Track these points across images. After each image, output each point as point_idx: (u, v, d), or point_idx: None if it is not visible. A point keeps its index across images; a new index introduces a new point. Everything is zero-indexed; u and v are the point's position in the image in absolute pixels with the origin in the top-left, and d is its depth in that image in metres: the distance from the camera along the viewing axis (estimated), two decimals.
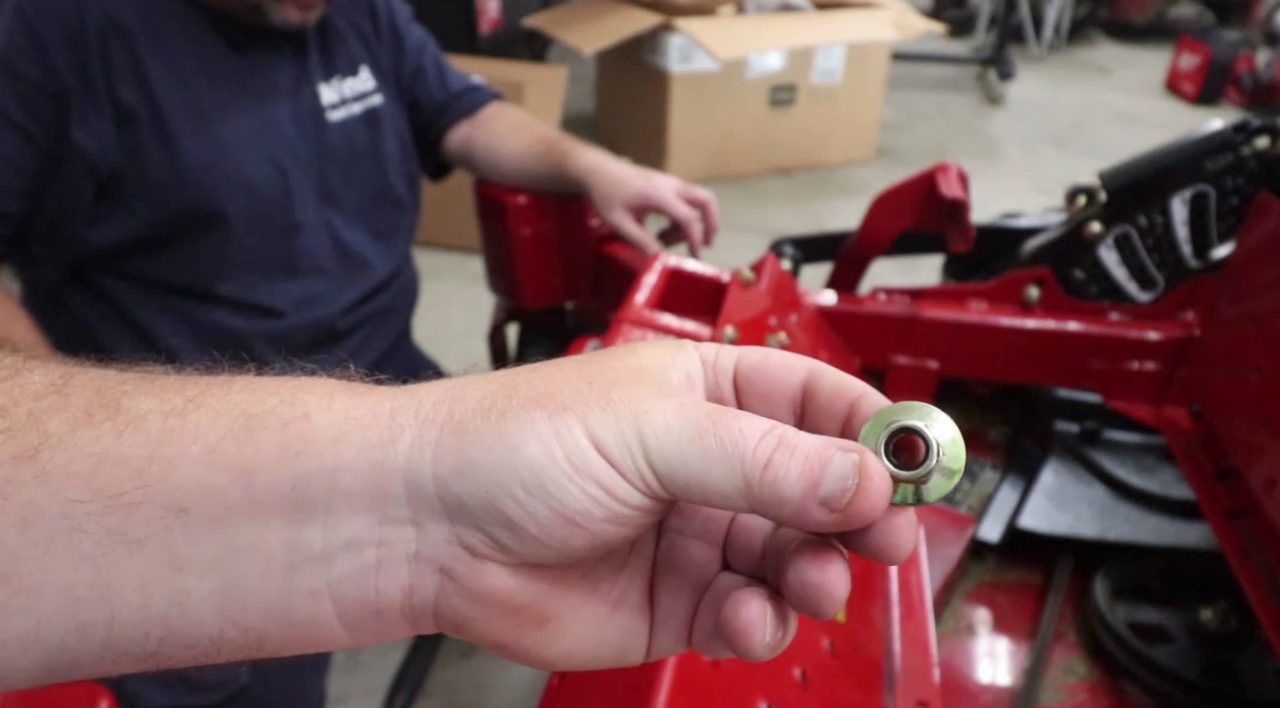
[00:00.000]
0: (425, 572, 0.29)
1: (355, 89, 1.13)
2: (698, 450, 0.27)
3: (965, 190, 1.02)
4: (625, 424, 0.28)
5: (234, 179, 1.02)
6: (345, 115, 1.12)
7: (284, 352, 1.09)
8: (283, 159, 1.05)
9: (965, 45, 4.99)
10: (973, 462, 1.12)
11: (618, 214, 1.11)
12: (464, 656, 1.33)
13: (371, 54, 1.18)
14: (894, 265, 1.25)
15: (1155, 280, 1.06)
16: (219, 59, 1.02)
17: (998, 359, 1.08)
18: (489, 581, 0.29)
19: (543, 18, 3.18)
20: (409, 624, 0.30)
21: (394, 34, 1.21)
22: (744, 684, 0.54)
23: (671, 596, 0.33)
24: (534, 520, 0.27)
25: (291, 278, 1.10)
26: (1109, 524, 0.98)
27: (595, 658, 0.32)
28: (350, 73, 1.13)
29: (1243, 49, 4.15)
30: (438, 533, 0.28)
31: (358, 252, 1.15)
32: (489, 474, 0.27)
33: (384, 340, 1.23)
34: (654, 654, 0.33)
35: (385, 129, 1.16)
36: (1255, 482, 0.83)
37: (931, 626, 0.75)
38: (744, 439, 0.27)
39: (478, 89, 1.30)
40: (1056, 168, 3.32)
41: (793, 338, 0.90)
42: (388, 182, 1.17)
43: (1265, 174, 0.99)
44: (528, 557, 0.28)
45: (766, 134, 3.21)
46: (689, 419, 0.28)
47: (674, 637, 0.33)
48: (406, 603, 0.29)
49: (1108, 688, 0.87)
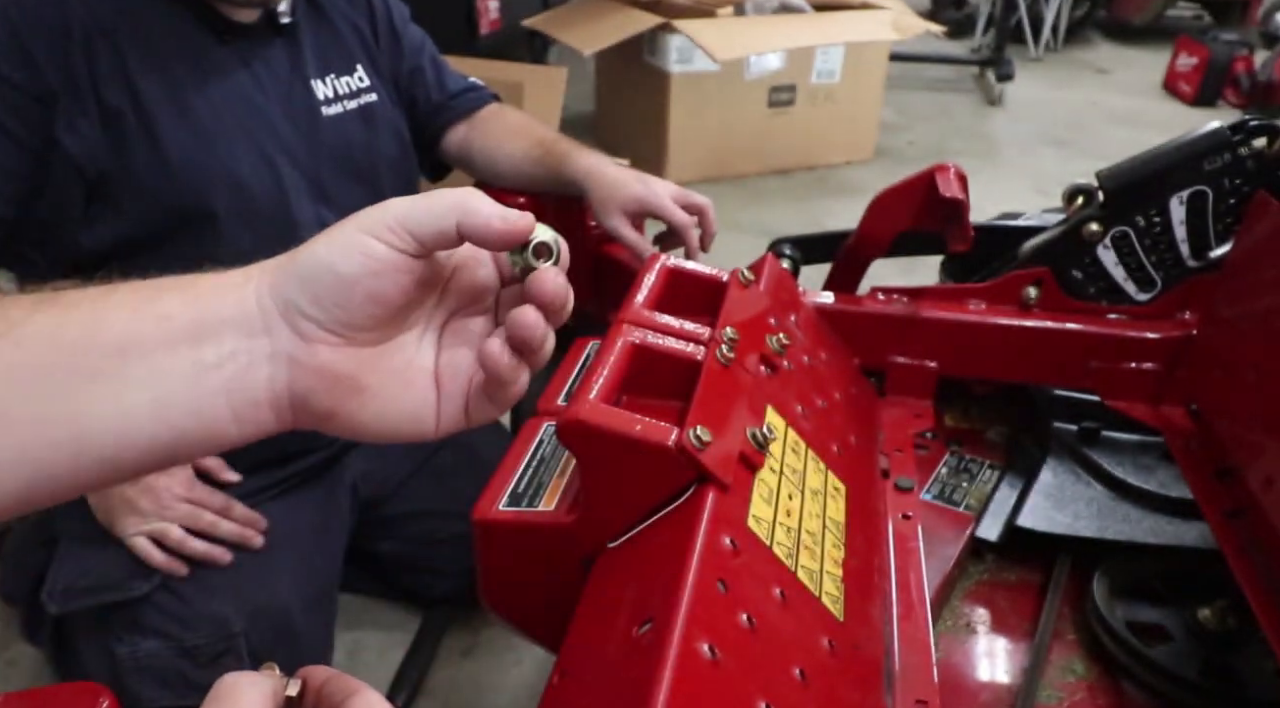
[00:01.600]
0: (279, 364, 0.43)
1: (351, 86, 1.12)
2: (427, 204, 0.43)
3: (964, 190, 1.02)
4: (379, 211, 0.43)
5: (221, 175, 1.00)
6: (340, 111, 1.10)
7: None
8: (274, 154, 1.04)
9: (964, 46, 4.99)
10: (971, 461, 1.12)
11: (615, 219, 1.11)
12: (464, 655, 1.34)
13: (368, 52, 1.17)
14: (893, 265, 1.25)
15: (1153, 280, 1.06)
16: (205, 53, 1.01)
17: (996, 359, 1.08)
18: (320, 357, 0.43)
19: (543, 18, 3.18)
20: (274, 414, 0.44)
21: (392, 34, 1.21)
22: (743, 684, 0.54)
23: (451, 374, 0.47)
24: (331, 291, 0.42)
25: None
26: (1108, 523, 0.98)
27: (397, 426, 0.46)
28: (346, 70, 1.13)
29: (1240, 50, 4.14)
30: (281, 333, 0.43)
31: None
32: (302, 273, 0.43)
33: None
34: (441, 427, 0.48)
35: (381, 128, 1.15)
36: (1254, 481, 0.83)
37: (930, 625, 0.75)
38: (457, 193, 0.44)
39: (476, 90, 1.30)
40: (1055, 168, 3.32)
41: (792, 338, 0.90)
42: (383, 181, 1.16)
43: (1263, 174, 0.99)
44: (339, 326, 0.43)
45: (765, 134, 3.21)
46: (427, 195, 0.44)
47: (455, 408, 0.47)
48: (270, 391, 0.43)
49: (1106, 687, 0.87)
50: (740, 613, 0.58)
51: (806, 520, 0.73)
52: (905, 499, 0.90)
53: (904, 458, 0.97)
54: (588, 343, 0.91)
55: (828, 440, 0.85)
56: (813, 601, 0.66)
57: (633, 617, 0.57)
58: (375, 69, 1.18)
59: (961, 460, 1.12)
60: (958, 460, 1.12)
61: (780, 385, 0.82)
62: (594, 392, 0.68)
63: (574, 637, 0.62)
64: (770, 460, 0.73)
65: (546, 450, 0.78)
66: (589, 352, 0.90)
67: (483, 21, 3.39)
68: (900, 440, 1.00)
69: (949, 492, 1.07)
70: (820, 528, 0.74)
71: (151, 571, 1.03)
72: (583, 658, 0.59)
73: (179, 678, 1.02)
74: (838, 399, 0.94)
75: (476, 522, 0.73)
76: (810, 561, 0.69)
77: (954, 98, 4.19)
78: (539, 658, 1.31)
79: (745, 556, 0.63)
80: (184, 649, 1.02)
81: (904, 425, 1.03)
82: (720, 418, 0.70)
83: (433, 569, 1.33)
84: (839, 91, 3.26)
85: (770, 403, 0.78)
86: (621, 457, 0.65)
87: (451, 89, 1.28)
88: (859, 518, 0.81)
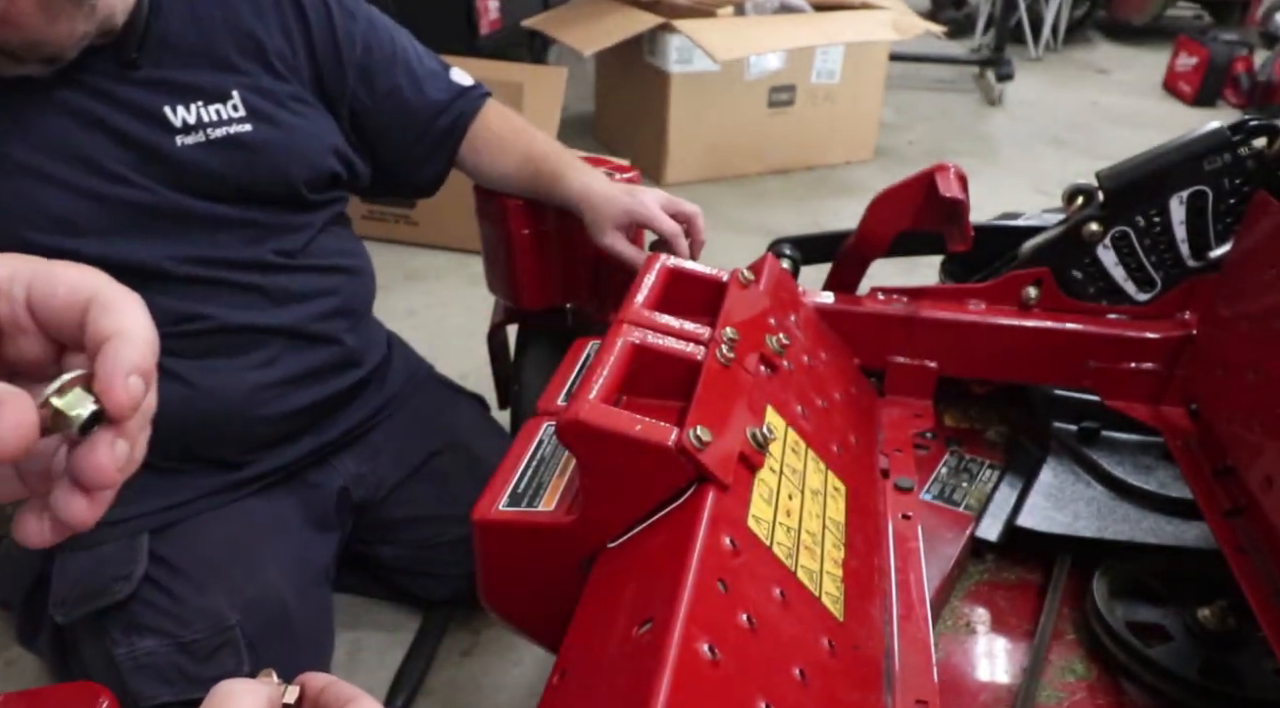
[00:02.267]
0: None
1: (222, 115, 1.05)
2: None
3: (964, 190, 1.02)
4: None
5: (30, 216, 0.95)
6: (200, 140, 1.03)
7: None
8: (101, 190, 0.98)
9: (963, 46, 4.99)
10: (971, 461, 1.12)
11: (609, 236, 1.11)
12: (464, 655, 1.34)
13: (282, 73, 1.10)
14: (893, 265, 1.25)
15: (1153, 280, 1.06)
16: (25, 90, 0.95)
17: (996, 359, 1.08)
18: None
19: (542, 18, 3.18)
20: None
21: (333, 47, 1.14)
22: (743, 683, 0.54)
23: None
24: None
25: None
26: (1107, 523, 0.98)
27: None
28: (218, 98, 1.05)
29: (1240, 50, 4.14)
30: None
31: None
32: None
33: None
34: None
35: (261, 157, 1.07)
36: (1253, 481, 0.83)
37: (930, 625, 0.75)
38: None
39: (463, 95, 1.24)
40: (1055, 168, 3.32)
41: (792, 338, 0.90)
42: (259, 212, 1.09)
43: (1262, 174, 0.99)
44: None
45: (765, 134, 3.21)
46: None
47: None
48: None
49: (1106, 687, 0.87)
50: (740, 613, 0.58)
51: (806, 520, 0.73)
52: (905, 499, 0.90)
53: (904, 458, 0.97)
54: (588, 343, 0.91)
55: (828, 440, 0.85)
56: (813, 601, 0.66)
57: (633, 617, 0.57)
58: (285, 88, 1.10)
59: (961, 460, 1.12)
60: (958, 460, 1.12)
61: (780, 385, 0.82)
62: (594, 392, 0.68)
63: (574, 637, 0.62)
64: (770, 460, 0.73)
65: (546, 450, 0.78)
66: (589, 352, 0.90)
67: (483, 21, 3.39)
68: (900, 440, 1.00)
69: (949, 492, 1.07)
70: (820, 528, 0.74)
71: (130, 570, 1.03)
72: (583, 658, 0.59)
73: (179, 674, 1.02)
74: (838, 399, 0.94)
75: (476, 522, 0.73)
76: (810, 561, 0.69)
77: (954, 98, 4.19)
78: (539, 658, 1.31)
79: (745, 555, 0.63)
80: (181, 645, 1.02)
81: (904, 425, 1.03)
82: (720, 418, 0.70)
83: (433, 573, 1.33)
84: (839, 91, 3.25)
85: (770, 403, 0.78)
86: (621, 457, 0.65)
87: (433, 101, 1.21)
88: (859, 518, 0.81)
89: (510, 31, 3.51)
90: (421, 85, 1.21)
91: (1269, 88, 4.01)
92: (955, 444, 1.15)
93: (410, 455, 1.29)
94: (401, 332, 1.42)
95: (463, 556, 1.09)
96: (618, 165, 1.25)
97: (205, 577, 1.05)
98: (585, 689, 0.56)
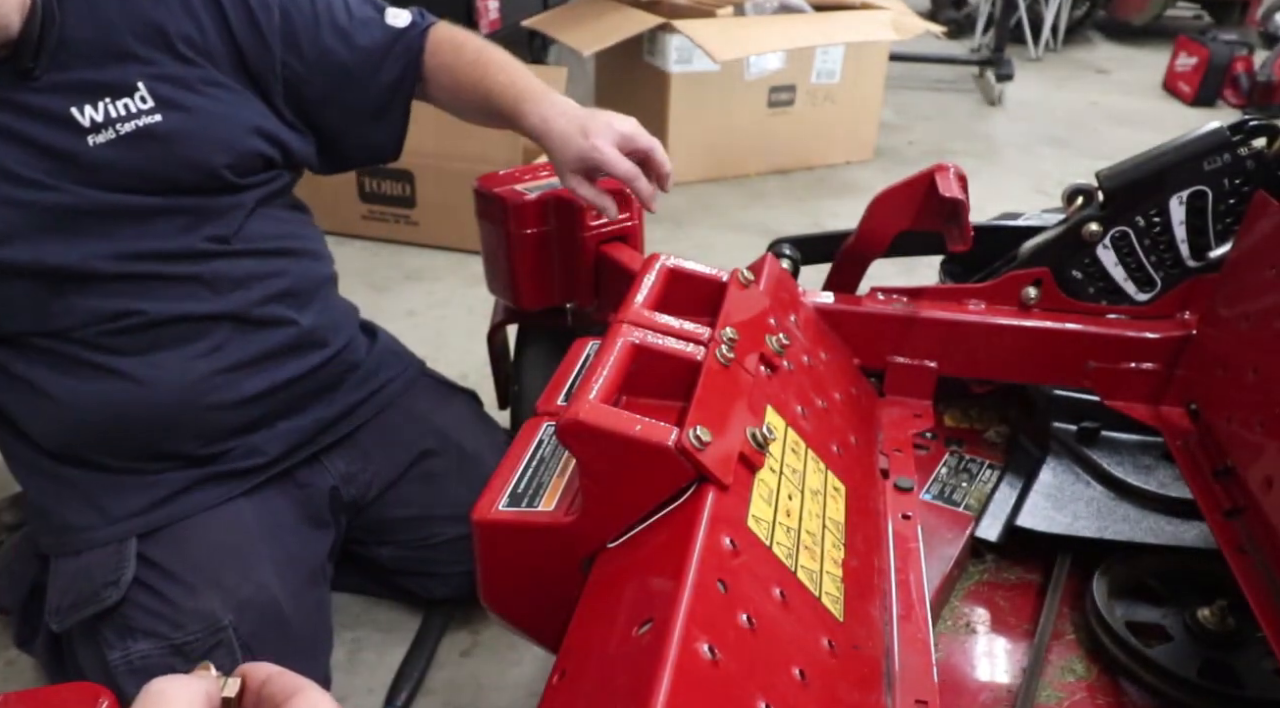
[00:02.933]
0: None
1: (130, 108, 1.02)
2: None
3: (964, 190, 1.02)
4: None
5: None
6: (111, 137, 1.00)
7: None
8: (19, 197, 0.96)
9: (963, 46, 4.99)
10: (971, 461, 1.12)
11: (570, 180, 1.10)
12: (464, 655, 1.33)
13: (177, 63, 1.06)
14: (893, 265, 1.25)
15: (1153, 280, 1.06)
16: None
17: (996, 359, 1.08)
18: None
19: (542, 18, 3.18)
20: None
21: (252, 28, 1.09)
22: (743, 684, 0.54)
23: None
24: None
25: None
26: (1107, 523, 0.99)
27: None
28: (124, 92, 1.02)
29: (1240, 50, 4.14)
30: None
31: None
32: None
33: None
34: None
35: (176, 147, 1.04)
36: (1253, 481, 0.83)
37: (930, 625, 0.75)
38: None
39: (401, 38, 1.17)
40: (1055, 168, 3.32)
41: (792, 338, 0.90)
42: (186, 201, 1.06)
43: (1262, 174, 0.99)
44: None
45: (765, 134, 3.21)
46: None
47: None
48: None
49: (1106, 687, 0.87)
50: (740, 613, 0.58)
51: (806, 521, 0.73)
52: (905, 499, 0.90)
53: (904, 458, 0.97)
54: (588, 343, 0.91)
55: (827, 440, 0.85)
56: (813, 601, 0.66)
57: (633, 617, 0.57)
58: (194, 73, 1.06)
59: (961, 460, 1.12)
60: (957, 460, 1.12)
61: (780, 385, 0.82)
62: (594, 392, 0.68)
63: (574, 637, 0.62)
64: (770, 461, 0.73)
65: (546, 450, 0.78)
66: (589, 352, 0.90)
67: (482, 22, 3.39)
68: (900, 440, 1.00)
69: (949, 492, 1.07)
70: (820, 528, 0.74)
71: (118, 576, 1.03)
72: (583, 658, 0.59)
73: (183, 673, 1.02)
74: (837, 399, 0.94)
75: (476, 522, 0.73)
76: (810, 561, 0.69)
77: (954, 98, 4.19)
78: (539, 658, 1.31)
79: (745, 556, 0.63)
80: (175, 647, 1.02)
81: (904, 425, 1.03)
82: (720, 418, 0.70)
83: (432, 572, 1.32)
84: (839, 91, 3.25)
85: (770, 403, 0.78)
86: (621, 457, 0.65)
87: (367, 52, 1.15)
88: (859, 518, 0.81)
89: (510, 31, 3.51)
90: (352, 39, 1.15)
91: (1269, 88, 4.01)
92: (955, 444, 1.15)
93: (401, 455, 1.28)
94: (401, 332, 1.42)
95: (461, 554, 1.07)
96: None
97: (197, 578, 1.05)
98: (585, 689, 0.56)
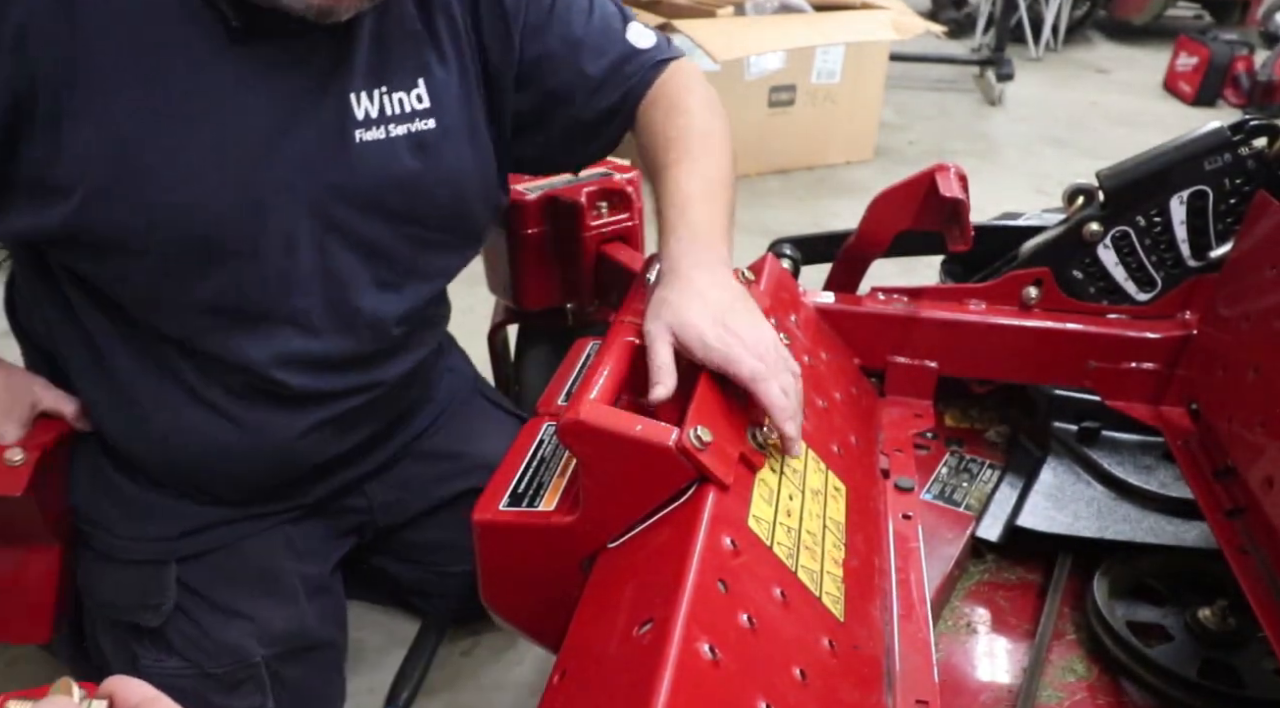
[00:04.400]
0: None
1: (405, 106, 0.88)
2: None
3: (964, 190, 1.02)
4: None
5: (156, 205, 0.80)
6: (380, 137, 0.87)
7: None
8: (263, 193, 0.83)
9: (964, 46, 4.99)
10: (972, 461, 1.12)
11: (652, 327, 0.79)
12: (464, 655, 1.33)
13: (450, 56, 0.92)
14: (893, 265, 1.25)
15: (1154, 280, 1.06)
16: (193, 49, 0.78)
17: (996, 359, 1.08)
18: None
19: None
20: None
21: (498, 11, 0.93)
22: (744, 683, 0.54)
23: None
24: None
25: (273, 336, 0.91)
26: (1108, 523, 0.98)
27: None
28: (403, 86, 0.88)
29: (1240, 50, 4.14)
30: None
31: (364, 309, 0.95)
32: None
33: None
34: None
35: (437, 164, 0.91)
36: (1253, 481, 0.83)
37: (930, 625, 0.75)
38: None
39: (623, 72, 0.98)
40: (1055, 168, 3.32)
41: (792, 338, 0.90)
42: (428, 233, 0.95)
43: (1263, 174, 0.99)
44: None
45: (765, 134, 3.21)
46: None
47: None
48: None
49: (1106, 687, 0.87)
50: (740, 613, 0.58)
51: (807, 521, 0.73)
52: (905, 499, 0.90)
53: (904, 458, 0.97)
54: (588, 343, 0.91)
55: (828, 440, 0.85)
56: (813, 600, 0.66)
57: (633, 617, 0.57)
58: (460, 76, 0.92)
59: (961, 460, 1.12)
60: (958, 460, 1.12)
61: None
62: (594, 392, 0.68)
63: (574, 637, 0.62)
64: (770, 461, 0.73)
65: (546, 450, 0.78)
66: (589, 352, 0.90)
67: None
68: (900, 440, 1.00)
69: (949, 492, 1.07)
70: (821, 528, 0.74)
71: (160, 603, 1.01)
72: (583, 658, 0.59)
73: (199, 700, 1.01)
74: (838, 399, 0.94)
75: (477, 522, 0.73)
76: (811, 561, 0.69)
77: (954, 98, 4.19)
78: (539, 658, 1.31)
79: (745, 555, 0.63)
80: (205, 674, 1.01)
81: (904, 425, 1.03)
82: (720, 418, 0.70)
83: (443, 594, 1.30)
84: (839, 91, 3.25)
85: None
86: (621, 457, 0.65)
87: (595, 77, 0.96)
88: (859, 518, 0.81)
89: None
90: (579, 53, 0.96)
91: (1269, 87, 4.01)
92: (955, 444, 1.15)
93: (441, 488, 1.21)
94: None
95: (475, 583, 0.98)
96: (618, 165, 1.25)
97: (232, 608, 1.03)
98: (585, 689, 0.56)
